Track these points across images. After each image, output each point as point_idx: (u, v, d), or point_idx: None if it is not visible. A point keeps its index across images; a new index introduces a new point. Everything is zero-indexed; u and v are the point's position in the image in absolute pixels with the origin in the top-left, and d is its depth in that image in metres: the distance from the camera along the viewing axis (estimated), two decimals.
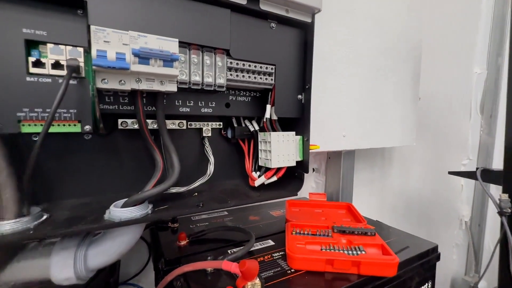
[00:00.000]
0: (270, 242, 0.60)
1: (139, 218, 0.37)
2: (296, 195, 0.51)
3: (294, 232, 0.57)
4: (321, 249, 0.51)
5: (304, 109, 0.49)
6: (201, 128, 0.50)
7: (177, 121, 0.46)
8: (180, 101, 0.43)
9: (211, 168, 0.50)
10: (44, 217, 0.35)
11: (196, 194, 0.49)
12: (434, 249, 0.59)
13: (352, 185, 0.91)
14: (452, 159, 1.40)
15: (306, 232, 0.57)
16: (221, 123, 0.52)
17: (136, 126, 0.42)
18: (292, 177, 0.53)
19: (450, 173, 0.86)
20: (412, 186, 1.26)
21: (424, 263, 0.56)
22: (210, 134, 0.51)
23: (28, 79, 0.31)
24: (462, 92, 1.40)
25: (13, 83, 0.30)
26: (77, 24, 0.32)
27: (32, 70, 0.31)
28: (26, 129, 0.31)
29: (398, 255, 0.47)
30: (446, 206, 1.39)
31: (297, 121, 0.50)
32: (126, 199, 0.38)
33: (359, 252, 0.49)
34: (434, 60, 1.22)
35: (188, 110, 0.44)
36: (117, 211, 0.36)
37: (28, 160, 0.31)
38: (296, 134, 0.49)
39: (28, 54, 0.31)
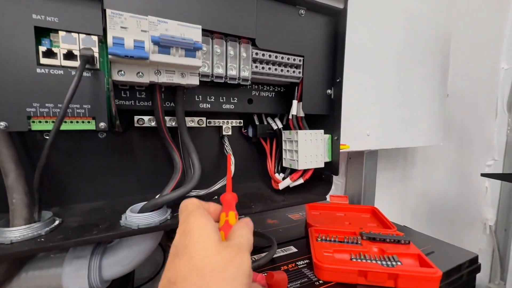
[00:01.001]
0: (293, 249, 0.56)
1: (159, 225, 0.33)
2: (325, 199, 0.47)
3: (319, 239, 0.53)
4: (351, 259, 0.47)
5: (334, 105, 0.45)
6: (221, 126, 0.47)
7: (196, 118, 0.42)
8: (200, 96, 0.40)
9: (231, 169, 0.46)
10: (56, 222, 0.32)
11: (216, 197, 0.45)
12: (474, 260, 0.53)
13: (374, 187, 0.86)
14: (476, 160, 1.32)
15: (332, 239, 0.52)
16: (242, 120, 0.49)
17: (153, 124, 0.39)
18: (319, 179, 0.49)
19: (482, 175, 0.79)
20: (434, 188, 1.20)
21: (464, 275, 0.51)
22: (230, 133, 0.47)
23: (38, 70, 0.27)
24: (488, 88, 1.31)
25: (22, 75, 0.27)
26: (91, 9, 0.29)
27: (43, 60, 0.28)
28: (36, 126, 0.28)
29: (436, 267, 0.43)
30: (469, 209, 1.32)
31: (325, 118, 0.46)
32: (143, 203, 0.35)
33: (394, 263, 0.44)
34: (458, 55, 1.14)
35: (209, 106, 0.41)
36: (134, 217, 0.33)
37: (39, 161, 0.28)
38: (325, 133, 0.45)
39: (38, 43, 0.28)
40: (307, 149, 0.43)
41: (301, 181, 0.45)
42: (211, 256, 0.21)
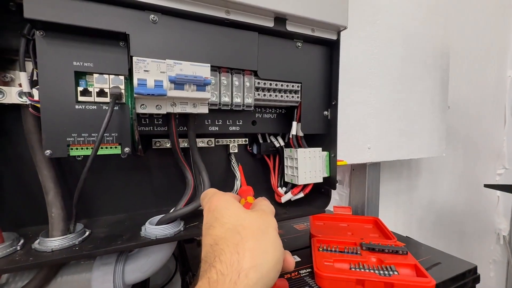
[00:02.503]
0: (296, 258, 0.59)
1: (173, 236, 0.38)
2: (324, 211, 0.51)
3: (321, 249, 0.56)
4: (350, 268, 0.50)
5: (330, 125, 0.49)
6: (228, 145, 0.52)
7: (206, 140, 0.48)
8: (209, 120, 0.45)
9: (238, 184, 0.51)
10: (87, 233, 0.38)
11: None
12: (473, 270, 0.55)
13: (378, 198, 0.88)
14: (485, 169, 1.31)
15: (333, 249, 0.55)
16: (247, 139, 0.54)
17: (168, 146, 0.44)
18: (319, 192, 0.52)
19: (486, 186, 0.80)
20: (442, 198, 1.20)
21: (461, 286, 0.52)
22: (236, 150, 0.52)
23: (77, 107, 0.33)
24: (495, 97, 1.32)
25: (65, 111, 0.33)
26: (119, 55, 0.35)
27: (80, 98, 0.34)
28: (73, 152, 0.34)
29: (433, 277, 0.45)
30: (480, 219, 1.30)
31: (323, 137, 0.50)
32: (160, 216, 0.40)
33: (391, 273, 0.47)
34: (463, 65, 1.17)
35: (217, 129, 0.46)
36: (152, 229, 0.37)
37: (78, 183, 0.33)
38: (323, 150, 0.49)
39: (77, 84, 0.34)
40: (306, 166, 0.47)
41: (301, 195, 0.49)
42: (240, 218, 0.24)
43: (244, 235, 0.23)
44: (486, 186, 0.81)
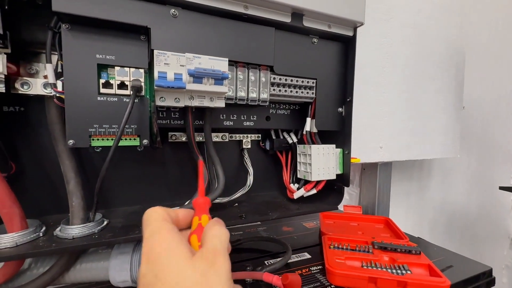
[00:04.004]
0: (307, 255, 0.59)
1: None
2: (337, 208, 0.51)
3: (332, 246, 0.56)
4: (362, 266, 0.50)
5: (344, 122, 0.49)
6: (241, 140, 0.52)
7: (220, 134, 0.48)
8: (224, 115, 0.46)
9: (250, 179, 0.51)
10: (105, 222, 0.38)
11: (237, 204, 0.50)
12: (487, 273, 0.54)
13: (389, 198, 0.87)
14: (500, 171, 1.28)
15: (344, 247, 0.55)
16: (260, 135, 0.54)
17: (184, 139, 0.45)
18: (331, 189, 0.52)
19: (501, 188, 0.79)
20: (454, 200, 1.17)
21: None
22: (249, 146, 0.52)
23: (99, 98, 0.34)
24: (510, 98, 1.28)
25: (87, 103, 0.34)
26: (140, 48, 0.36)
27: (102, 90, 0.35)
28: (94, 143, 0.35)
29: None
30: (494, 222, 1.27)
31: (337, 133, 0.50)
32: (177, 208, 0.41)
33: (404, 272, 0.47)
34: (479, 65, 1.14)
35: (232, 124, 0.46)
36: None
37: (100, 172, 0.34)
38: (336, 147, 0.49)
39: (99, 76, 0.35)
40: (319, 162, 0.47)
41: (314, 191, 0.49)
42: (185, 279, 0.19)
43: None
44: (501, 188, 0.79)
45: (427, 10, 0.81)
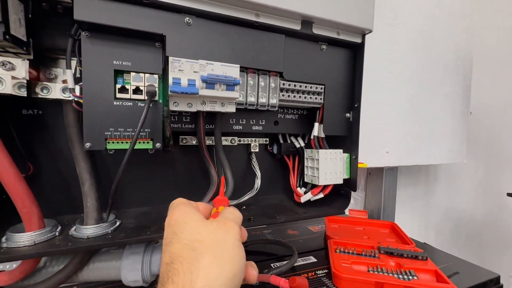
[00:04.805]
0: (312, 259, 0.59)
1: None
2: (344, 213, 0.51)
3: (338, 250, 0.56)
4: (368, 270, 0.50)
5: (352, 127, 0.49)
6: (249, 144, 0.53)
7: (229, 138, 0.49)
8: (234, 119, 0.46)
9: (258, 183, 0.52)
10: (117, 223, 0.40)
11: (244, 207, 0.51)
12: (495, 280, 0.54)
13: (394, 203, 0.87)
14: (508, 177, 1.26)
15: (350, 251, 0.56)
16: (267, 139, 0.55)
17: (194, 143, 0.46)
18: (338, 194, 0.53)
19: (509, 194, 0.78)
20: (460, 206, 1.16)
21: None
22: (257, 150, 0.53)
23: (115, 103, 0.35)
24: None
25: (104, 107, 0.35)
26: (155, 55, 0.37)
27: (118, 95, 0.36)
28: (110, 146, 0.36)
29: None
30: (501, 230, 1.25)
31: (344, 139, 0.51)
32: None
33: (410, 278, 0.47)
34: (486, 70, 1.13)
35: (241, 128, 0.47)
36: None
37: (116, 174, 0.35)
38: (343, 152, 0.50)
39: (115, 81, 0.36)
40: (327, 167, 0.48)
41: (321, 195, 0.50)
42: (198, 231, 0.23)
43: (200, 251, 0.21)
44: (509, 194, 0.78)
45: (435, 15, 0.82)
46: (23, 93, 0.33)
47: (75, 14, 0.31)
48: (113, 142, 0.36)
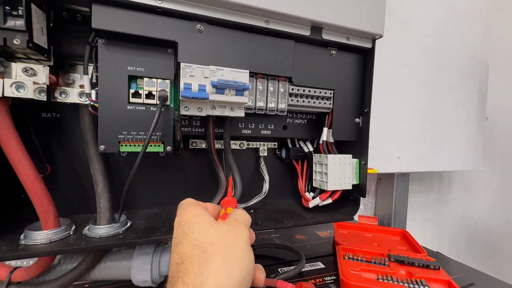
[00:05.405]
0: (320, 265, 0.59)
1: None
2: (352, 219, 0.50)
3: (346, 257, 0.55)
4: (378, 278, 0.49)
5: (362, 132, 0.49)
6: (258, 148, 0.53)
7: (238, 142, 0.50)
8: (243, 124, 0.47)
9: (266, 186, 0.52)
10: (128, 224, 0.41)
11: (252, 211, 0.51)
12: None
13: (406, 210, 0.85)
14: None
15: (359, 258, 0.55)
16: (276, 143, 0.55)
17: (203, 146, 0.47)
18: (347, 199, 0.52)
19: None
20: (476, 215, 1.12)
21: None
22: (266, 154, 0.53)
23: (128, 107, 0.37)
24: None
25: (118, 111, 0.36)
26: (167, 61, 0.38)
27: (131, 99, 0.37)
28: (123, 148, 0.37)
29: None
30: None
31: (353, 144, 0.50)
32: None
33: (422, 287, 0.46)
34: (503, 74, 1.09)
35: (250, 132, 0.47)
36: None
37: (129, 177, 0.36)
38: (353, 157, 0.49)
39: (129, 87, 0.37)
40: (336, 172, 0.47)
41: (329, 201, 0.49)
42: (208, 233, 0.23)
43: (210, 253, 0.22)
44: None
45: (449, 19, 0.80)
46: (43, 97, 0.35)
47: (93, 23, 0.32)
48: (126, 145, 0.37)
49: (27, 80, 0.33)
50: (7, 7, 0.29)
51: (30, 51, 0.32)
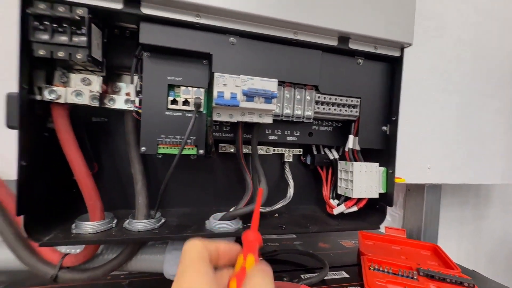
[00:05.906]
0: (344, 274, 0.58)
1: (234, 231, 0.42)
2: (378, 228, 0.49)
3: (372, 268, 0.54)
4: None
5: (389, 141, 0.48)
6: (283, 154, 0.55)
7: (264, 147, 0.52)
8: (269, 130, 0.49)
9: (290, 192, 0.53)
10: (162, 220, 0.44)
11: (277, 215, 0.52)
12: None
13: (437, 224, 0.81)
14: None
15: (386, 270, 0.53)
16: (301, 149, 0.56)
17: (232, 150, 0.50)
18: (373, 209, 0.51)
19: None
20: None
21: None
22: (291, 160, 0.55)
23: (167, 113, 0.40)
24: None
25: (158, 117, 0.40)
26: (202, 71, 0.41)
27: (170, 106, 0.41)
28: (161, 150, 0.41)
29: None
30: None
31: (380, 152, 0.50)
32: (222, 213, 0.45)
33: None
34: None
35: (276, 138, 0.49)
36: (216, 223, 0.42)
37: (165, 177, 0.40)
38: (380, 165, 0.49)
39: (168, 94, 0.41)
40: (362, 180, 0.47)
41: (355, 208, 0.49)
42: None
43: None
44: None
45: (486, 24, 0.76)
46: (96, 103, 0.40)
47: (140, 38, 0.37)
48: (163, 148, 0.41)
49: (84, 89, 0.38)
50: (73, 27, 0.34)
51: (88, 64, 0.37)
